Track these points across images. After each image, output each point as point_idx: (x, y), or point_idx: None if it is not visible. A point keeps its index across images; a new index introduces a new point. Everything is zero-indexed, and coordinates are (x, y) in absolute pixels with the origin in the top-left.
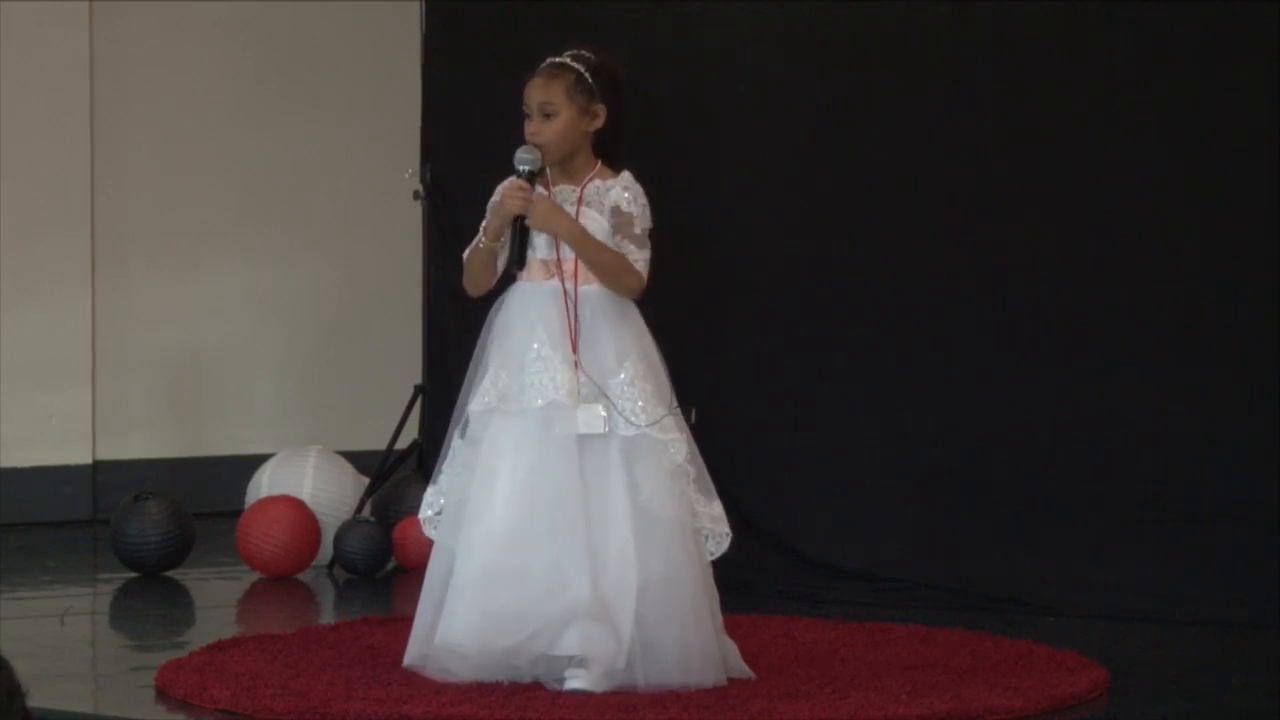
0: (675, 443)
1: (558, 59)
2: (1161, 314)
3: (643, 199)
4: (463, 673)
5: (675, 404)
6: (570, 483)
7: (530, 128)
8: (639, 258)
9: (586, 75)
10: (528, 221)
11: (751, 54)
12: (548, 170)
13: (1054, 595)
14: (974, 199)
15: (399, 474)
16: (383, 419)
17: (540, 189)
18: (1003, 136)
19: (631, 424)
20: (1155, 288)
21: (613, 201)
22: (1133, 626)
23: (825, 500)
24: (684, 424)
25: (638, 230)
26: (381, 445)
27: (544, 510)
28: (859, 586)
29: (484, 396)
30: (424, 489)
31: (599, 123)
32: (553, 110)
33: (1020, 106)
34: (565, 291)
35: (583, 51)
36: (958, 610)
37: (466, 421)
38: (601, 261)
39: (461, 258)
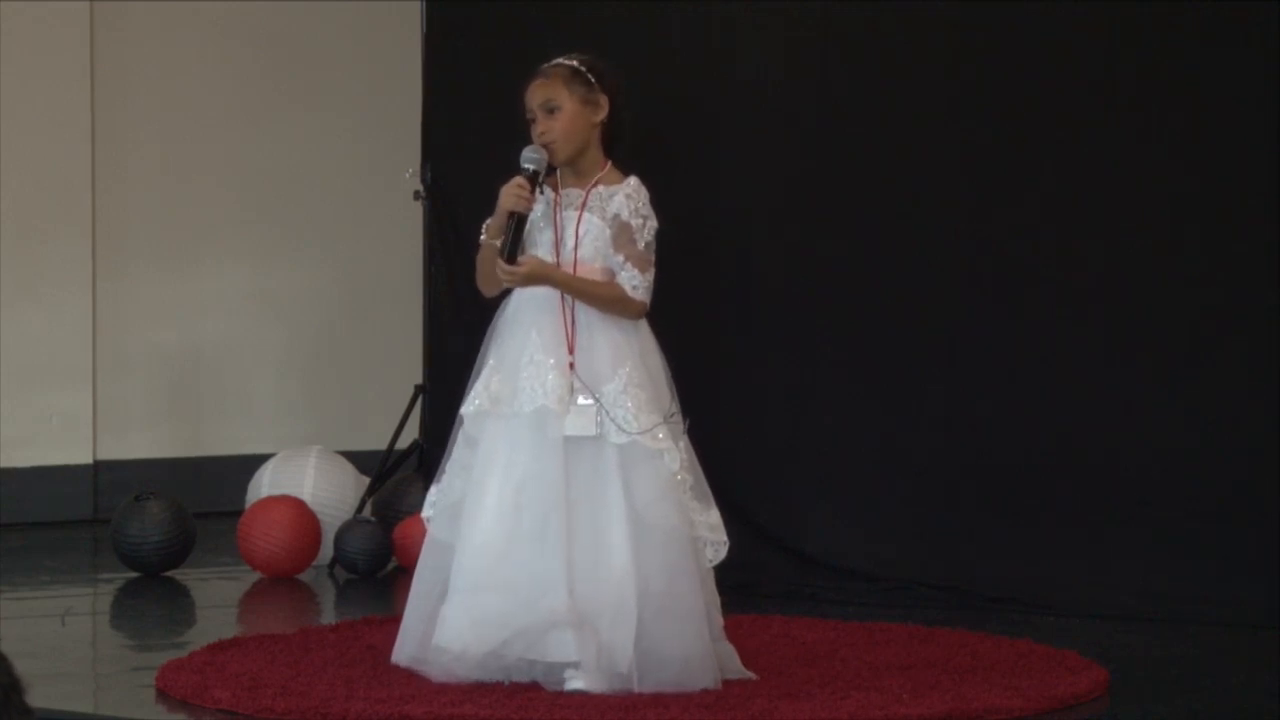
0: (670, 452)
1: (551, 62)
2: (1161, 314)
3: (646, 209)
4: (458, 672)
5: (675, 413)
6: (557, 489)
7: (538, 128)
8: (640, 283)
9: (582, 68)
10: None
11: (751, 54)
12: (558, 172)
13: (1054, 595)
14: (974, 199)
15: (399, 474)
16: (383, 419)
17: (548, 190)
18: (1003, 136)
19: (623, 431)
20: (1156, 288)
21: (614, 209)
22: (1133, 626)
23: (825, 500)
24: (681, 432)
25: (640, 245)
26: (381, 445)
27: (531, 517)
28: (859, 586)
29: (475, 399)
30: (424, 489)
31: (603, 113)
32: (556, 105)
33: (1020, 106)
34: (563, 295)
35: (573, 56)
36: (958, 610)
37: (461, 423)
38: (599, 298)
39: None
